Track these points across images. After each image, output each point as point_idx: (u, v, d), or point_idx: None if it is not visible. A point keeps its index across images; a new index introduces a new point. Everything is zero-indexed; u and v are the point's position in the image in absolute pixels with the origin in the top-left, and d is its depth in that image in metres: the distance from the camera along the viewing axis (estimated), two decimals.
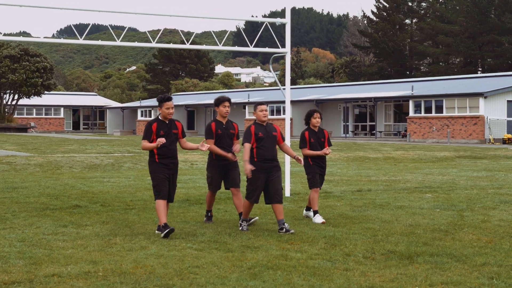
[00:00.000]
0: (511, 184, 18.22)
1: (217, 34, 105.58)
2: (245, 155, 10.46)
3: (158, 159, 10.32)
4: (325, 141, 11.85)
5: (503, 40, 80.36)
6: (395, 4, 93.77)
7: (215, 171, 11.21)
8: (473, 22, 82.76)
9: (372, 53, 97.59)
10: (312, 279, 7.50)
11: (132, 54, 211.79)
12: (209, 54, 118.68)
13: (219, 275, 7.68)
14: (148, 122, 10.37)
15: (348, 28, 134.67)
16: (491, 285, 7.28)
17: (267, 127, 10.71)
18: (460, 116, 48.14)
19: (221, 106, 11.13)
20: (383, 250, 9.05)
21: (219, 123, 11.19)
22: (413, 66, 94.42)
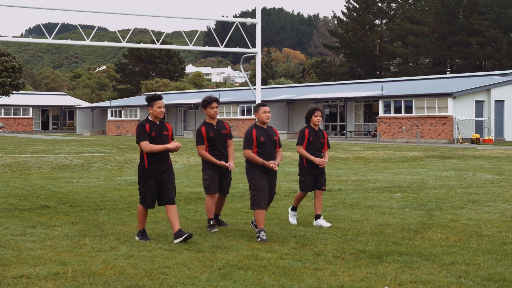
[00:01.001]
0: (479, 183, 18.40)
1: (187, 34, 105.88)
2: (255, 159, 9.93)
3: (148, 165, 9.72)
4: (325, 143, 11.42)
5: (471, 41, 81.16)
6: (365, 5, 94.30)
7: (212, 173, 10.76)
8: (442, 23, 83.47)
9: (342, 53, 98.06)
10: (283, 279, 7.51)
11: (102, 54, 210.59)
12: (179, 54, 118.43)
13: (190, 275, 7.66)
14: (139, 123, 9.76)
15: (318, 29, 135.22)
16: (459, 283, 7.35)
17: (269, 131, 10.22)
18: (429, 116, 48.51)
19: (208, 108, 10.72)
20: (353, 250, 9.09)
21: (210, 126, 10.78)
22: (383, 67, 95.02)
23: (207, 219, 10.83)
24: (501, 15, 79.37)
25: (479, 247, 9.23)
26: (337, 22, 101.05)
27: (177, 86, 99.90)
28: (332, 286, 7.26)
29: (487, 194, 15.61)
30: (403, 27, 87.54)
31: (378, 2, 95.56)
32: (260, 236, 9.76)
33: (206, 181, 10.81)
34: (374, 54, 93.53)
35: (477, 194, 15.63)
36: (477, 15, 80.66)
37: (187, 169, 23.01)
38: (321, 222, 11.05)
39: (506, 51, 78.15)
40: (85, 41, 26.55)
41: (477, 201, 14.37)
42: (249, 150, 9.97)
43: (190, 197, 14.92)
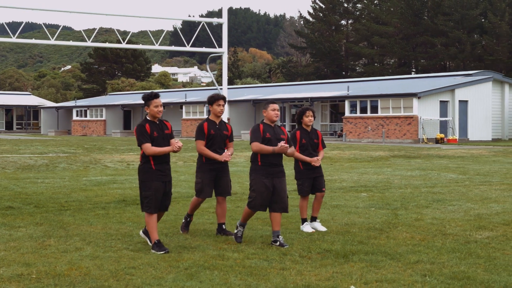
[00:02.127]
0: (444, 183, 18.58)
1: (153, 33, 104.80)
2: (265, 148, 9.44)
3: (155, 166, 9.14)
4: (319, 143, 10.93)
5: (436, 42, 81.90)
6: (331, 5, 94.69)
7: (206, 176, 10.16)
8: (407, 23, 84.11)
9: (308, 53, 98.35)
10: (249, 279, 7.52)
11: (67, 53, 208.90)
12: (145, 54, 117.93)
13: (156, 275, 7.64)
14: (138, 124, 9.17)
15: (285, 29, 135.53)
16: (423, 282, 7.42)
17: (276, 129, 9.72)
18: (395, 116, 48.87)
19: (215, 105, 10.14)
20: (319, 249, 9.13)
21: (212, 123, 10.20)
22: (348, 67, 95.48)
23: (188, 213, 10.55)
24: (465, 16, 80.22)
25: (444, 246, 9.32)
26: (304, 22, 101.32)
27: (143, 86, 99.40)
28: (298, 285, 7.29)
29: (451, 194, 15.78)
30: (368, 27, 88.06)
31: (344, 2, 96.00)
32: (237, 230, 9.76)
33: (199, 184, 10.25)
34: (340, 54, 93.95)
35: (442, 194, 15.79)
36: (441, 16, 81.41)
37: None
38: (316, 225, 10.75)
39: (469, 51, 79.01)
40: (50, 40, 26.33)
41: (441, 200, 14.52)
42: (257, 142, 9.48)
43: None
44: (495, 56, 77.09)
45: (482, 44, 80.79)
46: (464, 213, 12.61)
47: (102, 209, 13.04)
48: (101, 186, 17.43)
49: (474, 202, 14.12)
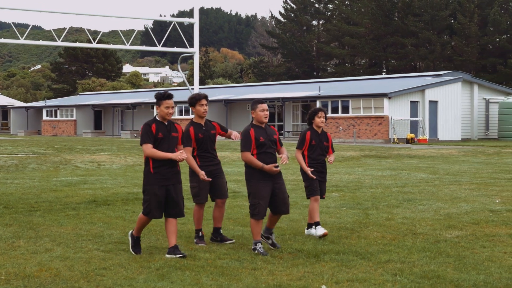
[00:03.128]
0: (414, 182, 18.70)
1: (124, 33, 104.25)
2: (255, 162, 9.03)
3: (153, 169, 8.73)
4: (329, 146, 10.51)
5: (406, 42, 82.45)
6: (302, 6, 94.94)
7: (201, 180, 9.64)
8: (377, 24, 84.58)
9: (280, 53, 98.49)
10: (221, 279, 7.52)
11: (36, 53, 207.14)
12: (116, 54, 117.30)
13: (127, 276, 7.61)
14: (145, 123, 8.78)
15: (256, 29, 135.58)
16: (394, 281, 7.47)
17: (267, 130, 9.28)
18: (366, 116, 49.11)
19: (197, 106, 9.70)
20: (290, 249, 9.15)
21: (198, 126, 9.72)
22: (320, 67, 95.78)
23: (195, 230, 9.86)
24: (435, 17, 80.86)
25: (414, 245, 9.39)
26: (275, 23, 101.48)
27: (114, 86, 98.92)
28: (269, 285, 7.30)
29: (421, 193, 15.89)
30: (339, 28, 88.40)
31: (315, 3, 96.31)
32: (257, 249, 8.95)
33: (195, 189, 9.75)
34: (311, 54, 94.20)
35: (412, 193, 15.89)
36: (411, 16, 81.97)
37: (124, 170, 22.81)
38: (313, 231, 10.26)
39: (439, 52, 79.64)
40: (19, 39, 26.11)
41: (412, 200, 14.61)
42: (248, 152, 9.05)
43: (127, 198, 14.80)
44: (465, 56, 77.80)
45: (451, 45, 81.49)
46: (434, 212, 12.70)
47: (72, 210, 12.95)
48: (72, 186, 17.31)
49: (444, 202, 14.23)
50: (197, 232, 9.82)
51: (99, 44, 16.49)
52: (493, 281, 7.45)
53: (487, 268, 8.09)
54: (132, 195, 15.25)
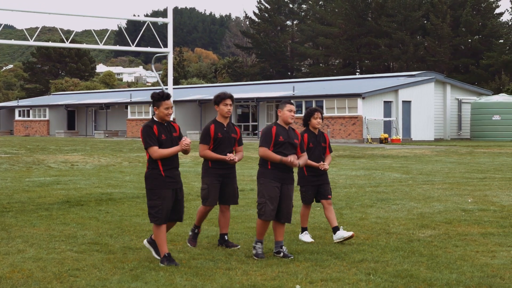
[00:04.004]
0: (388, 182, 18.80)
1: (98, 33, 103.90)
2: (272, 156, 8.75)
3: (164, 172, 8.30)
4: (327, 147, 10.16)
5: (380, 43, 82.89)
6: (276, 6, 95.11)
7: (213, 182, 9.31)
8: (351, 24, 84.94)
9: (254, 53, 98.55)
10: (195, 279, 7.51)
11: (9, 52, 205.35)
12: (90, 53, 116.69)
13: (100, 277, 7.57)
14: (145, 125, 8.37)
15: (230, 29, 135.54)
16: (368, 280, 7.50)
17: (290, 132, 8.95)
18: (340, 116, 49.28)
19: (221, 105, 9.32)
20: (264, 249, 9.15)
21: (220, 125, 9.35)
22: (294, 67, 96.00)
23: (194, 224, 9.62)
24: (408, 18, 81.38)
25: (387, 245, 9.44)
26: (249, 23, 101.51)
27: (87, 86, 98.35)
28: (244, 285, 7.30)
29: (395, 193, 15.98)
30: (313, 28, 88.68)
31: (289, 3, 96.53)
32: (256, 247, 8.77)
33: (205, 190, 9.40)
34: (285, 54, 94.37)
35: (386, 193, 15.97)
36: (385, 17, 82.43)
37: (98, 170, 22.70)
38: (341, 234, 9.77)
39: (412, 53, 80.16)
40: None
41: (385, 199, 14.69)
42: (266, 148, 8.81)
43: (101, 198, 14.72)
44: (437, 57, 78.40)
45: (424, 46, 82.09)
46: (407, 212, 12.78)
47: (45, 211, 12.86)
48: (45, 187, 17.18)
49: (417, 201, 14.32)
50: (194, 227, 9.57)
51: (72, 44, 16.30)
52: (465, 280, 7.51)
53: (459, 267, 8.16)
54: (105, 196, 15.17)
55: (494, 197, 15.12)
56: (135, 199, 14.65)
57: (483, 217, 12.00)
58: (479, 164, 25.54)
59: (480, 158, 29.15)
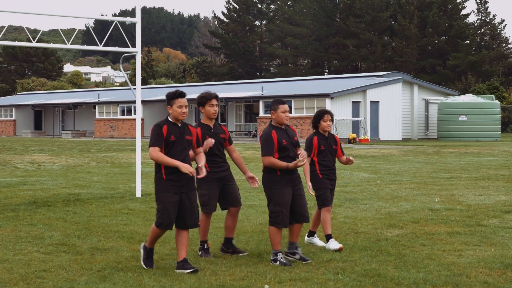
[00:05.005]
0: (356, 182, 18.89)
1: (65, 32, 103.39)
2: (279, 164, 8.35)
3: (165, 176, 7.91)
4: (338, 149, 9.74)
5: (348, 43, 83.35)
6: (245, 6, 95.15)
7: (212, 187, 8.85)
8: (319, 25, 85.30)
9: (223, 53, 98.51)
10: (163, 280, 7.49)
11: None
12: (57, 53, 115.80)
13: (68, 278, 7.51)
14: (156, 124, 8.01)
15: (199, 29, 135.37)
16: (336, 280, 7.53)
17: (288, 132, 8.63)
18: (308, 117, 49.39)
19: (207, 106, 8.85)
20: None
21: (206, 128, 8.92)
22: (263, 67, 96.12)
23: (200, 241, 9.01)
24: (376, 19, 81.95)
25: (355, 244, 9.48)
26: (218, 23, 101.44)
27: (54, 86, 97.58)
28: (212, 285, 7.29)
29: (363, 193, 16.06)
30: (282, 28, 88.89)
31: (257, 3, 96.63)
32: (279, 259, 8.29)
33: (204, 197, 8.87)
34: (254, 54, 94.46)
35: (354, 193, 16.05)
36: (353, 18, 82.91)
37: (65, 170, 22.52)
38: (315, 240, 9.71)
39: (380, 53, 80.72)
40: None
41: (353, 199, 14.75)
42: (270, 156, 8.38)
43: (68, 199, 14.61)
44: (405, 57, 79.02)
45: (392, 46, 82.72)
46: (375, 211, 12.85)
47: (11, 211, 12.73)
48: (11, 187, 17.01)
49: (385, 201, 14.41)
50: (202, 244, 8.97)
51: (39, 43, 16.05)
52: (432, 279, 7.58)
53: (426, 266, 8.23)
54: (73, 196, 15.06)
55: (460, 196, 15.27)
56: (103, 199, 14.57)
57: (449, 217, 12.11)
58: (445, 164, 25.77)
59: (447, 158, 29.42)
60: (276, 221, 8.39)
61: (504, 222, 11.55)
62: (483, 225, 11.22)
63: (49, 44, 17.23)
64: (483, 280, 7.56)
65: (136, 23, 15.96)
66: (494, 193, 15.95)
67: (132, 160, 25.45)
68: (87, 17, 18.01)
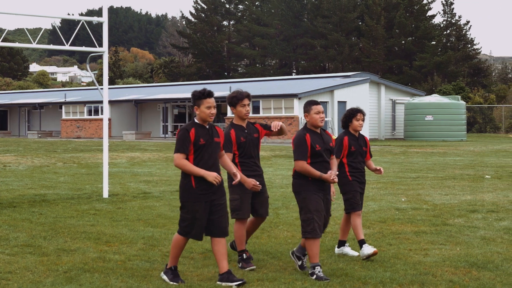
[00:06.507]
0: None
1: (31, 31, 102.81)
2: (313, 172, 7.82)
3: (195, 183, 7.35)
4: (368, 151, 9.17)
5: (315, 44, 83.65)
6: (212, 6, 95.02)
7: (245, 191, 8.30)
8: (287, 25, 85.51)
9: (190, 53, 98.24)
10: (130, 281, 7.45)
11: None
12: (23, 52, 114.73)
13: (33, 280, 7.45)
14: (182, 127, 7.42)
15: (166, 29, 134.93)
16: (303, 280, 7.56)
17: (323, 136, 8.06)
18: (276, 117, 49.48)
19: (239, 106, 8.34)
20: (201, 249, 9.14)
21: (240, 129, 8.39)
22: (231, 67, 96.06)
23: (238, 251, 8.41)
24: (343, 19, 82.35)
25: (323, 244, 9.51)
26: (186, 23, 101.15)
27: (20, 85, 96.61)
28: (180, 286, 7.27)
29: None
30: (250, 28, 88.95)
31: (225, 3, 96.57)
32: (316, 273, 7.68)
33: (236, 201, 8.34)
34: (222, 55, 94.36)
35: None
36: (320, 18, 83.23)
37: (31, 171, 22.30)
38: (347, 250, 9.10)
39: (348, 54, 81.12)
40: None
41: None
42: (303, 161, 7.84)
43: (34, 200, 14.47)
44: (372, 58, 79.48)
45: (359, 47, 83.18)
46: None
47: None
48: None
49: None
50: (240, 254, 8.34)
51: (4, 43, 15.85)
52: (398, 278, 7.64)
53: (393, 265, 8.29)
54: (39, 197, 14.92)
55: (427, 196, 15.41)
56: (69, 200, 14.46)
57: (416, 216, 12.21)
58: (412, 164, 25.97)
59: (414, 158, 29.66)
60: (307, 231, 7.80)
61: (469, 221, 11.68)
62: (449, 224, 11.34)
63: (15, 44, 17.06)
64: (448, 279, 7.64)
65: (103, 22, 15.87)
66: (459, 192, 16.12)
67: (99, 161, 25.30)
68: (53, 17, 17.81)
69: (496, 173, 21.56)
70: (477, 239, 10.03)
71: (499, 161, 27.24)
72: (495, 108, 70.04)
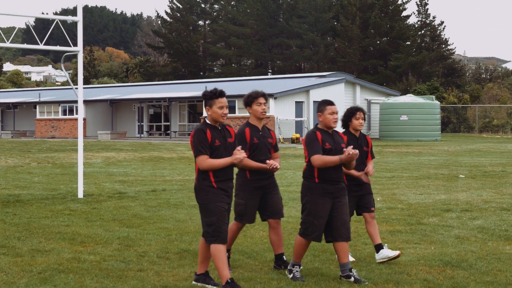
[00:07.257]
0: (299, 182, 18.96)
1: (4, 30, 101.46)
2: (331, 159, 7.54)
3: (216, 183, 7.18)
4: (369, 152, 8.82)
5: (291, 44, 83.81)
6: (188, 5, 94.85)
7: (251, 196, 8.07)
8: (263, 25, 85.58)
9: (166, 53, 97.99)
10: (105, 281, 7.43)
11: None
12: None
13: (7, 281, 7.39)
14: (197, 129, 7.18)
15: (142, 28, 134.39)
16: (279, 279, 7.58)
17: (335, 137, 7.82)
18: None
19: (254, 105, 8.11)
20: (177, 249, 9.13)
21: (255, 129, 8.11)
22: (206, 67, 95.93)
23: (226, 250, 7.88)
24: (319, 19, 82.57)
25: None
26: (161, 22, 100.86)
27: None
28: (155, 286, 7.27)
29: None
30: (226, 28, 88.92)
31: (201, 3, 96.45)
32: (293, 272, 7.68)
33: (241, 206, 8.13)
34: (198, 54, 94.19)
35: (297, 192, 16.05)
36: (296, 18, 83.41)
37: (5, 171, 22.12)
38: (386, 253, 8.58)
39: (323, 54, 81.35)
40: None
41: (297, 199, 14.80)
42: (319, 154, 7.56)
43: (8, 200, 14.36)
44: (347, 58, 79.76)
45: (335, 47, 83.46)
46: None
47: None
48: None
49: None
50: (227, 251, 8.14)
51: None
52: (373, 277, 7.68)
53: (368, 264, 8.34)
54: (13, 197, 14.80)
55: (401, 195, 15.50)
56: (44, 200, 14.36)
57: (391, 215, 12.28)
58: (387, 163, 26.10)
59: (389, 158, 29.82)
60: (305, 233, 7.74)
61: (443, 220, 11.76)
62: (424, 223, 11.41)
63: None
64: (423, 277, 7.69)
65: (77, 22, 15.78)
66: (434, 192, 16.23)
67: (74, 161, 25.15)
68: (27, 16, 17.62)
69: (470, 173, 21.73)
70: (451, 238, 10.12)
71: (473, 161, 27.47)
72: (469, 108, 70.62)
